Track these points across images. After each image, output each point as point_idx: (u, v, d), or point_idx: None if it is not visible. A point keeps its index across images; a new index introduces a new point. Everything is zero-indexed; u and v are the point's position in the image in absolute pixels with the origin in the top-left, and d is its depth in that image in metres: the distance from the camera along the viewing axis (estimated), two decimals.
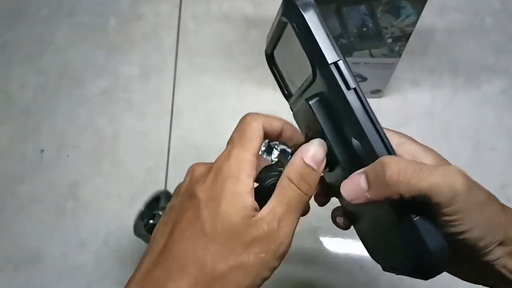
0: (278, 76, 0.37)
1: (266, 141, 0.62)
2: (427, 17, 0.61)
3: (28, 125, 0.66)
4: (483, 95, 0.67)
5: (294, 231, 0.29)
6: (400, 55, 0.57)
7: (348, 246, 0.57)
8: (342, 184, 0.28)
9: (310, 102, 0.30)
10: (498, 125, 0.65)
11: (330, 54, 0.28)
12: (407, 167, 0.26)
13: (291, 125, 0.33)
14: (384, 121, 0.34)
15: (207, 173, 0.29)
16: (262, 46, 0.77)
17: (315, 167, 0.29)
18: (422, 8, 0.50)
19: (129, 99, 0.68)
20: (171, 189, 0.61)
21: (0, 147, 0.64)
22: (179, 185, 0.31)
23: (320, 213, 0.60)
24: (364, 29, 0.52)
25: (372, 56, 0.57)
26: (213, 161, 0.30)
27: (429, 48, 0.70)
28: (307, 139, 0.31)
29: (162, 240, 0.28)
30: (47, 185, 0.62)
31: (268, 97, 0.67)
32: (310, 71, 0.29)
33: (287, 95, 0.36)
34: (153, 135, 0.65)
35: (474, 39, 0.71)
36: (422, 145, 0.31)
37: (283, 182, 0.29)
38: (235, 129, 0.32)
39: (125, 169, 0.62)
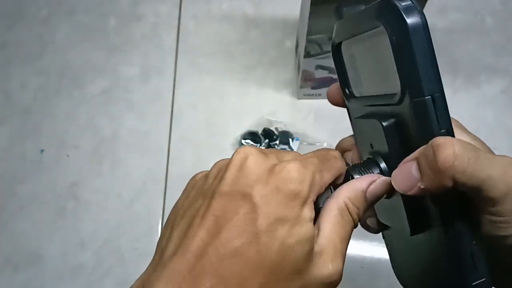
0: (340, 70, 0.31)
1: (266, 140, 0.62)
2: (427, 17, 0.61)
3: (28, 125, 0.66)
4: (483, 95, 0.67)
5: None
6: None
7: (348, 246, 0.57)
8: (392, 174, 0.25)
9: (384, 124, 0.25)
10: (498, 125, 0.65)
11: (429, 85, 0.23)
12: (464, 152, 0.22)
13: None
14: None
15: (269, 174, 0.23)
16: (262, 46, 0.77)
17: (370, 202, 0.26)
18: (422, 8, 0.50)
19: (129, 99, 0.68)
20: (171, 189, 0.61)
21: (0, 147, 0.64)
22: (218, 161, 0.26)
23: None
24: None
25: None
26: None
27: None
28: (365, 155, 0.29)
29: (197, 238, 0.22)
30: (47, 185, 0.62)
31: (268, 97, 0.67)
32: (396, 91, 0.24)
33: (348, 95, 0.31)
34: (153, 135, 0.65)
35: (474, 39, 0.71)
36: (471, 134, 0.27)
37: (340, 207, 0.25)
38: (315, 152, 0.26)
39: (125, 169, 0.62)
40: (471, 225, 0.24)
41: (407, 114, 0.24)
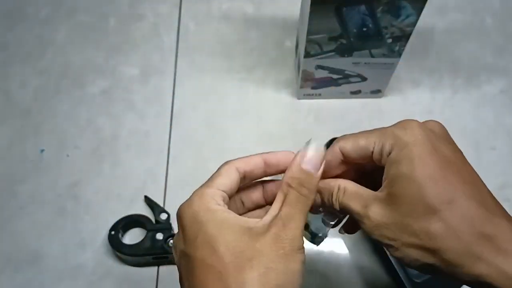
0: None
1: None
2: (427, 17, 0.61)
3: (28, 125, 0.66)
4: (483, 95, 0.67)
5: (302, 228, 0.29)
6: (400, 55, 0.57)
7: (348, 246, 0.57)
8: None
9: None
10: (498, 125, 0.65)
11: None
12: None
13: (272, 153, 0.34)
14: (384, 121, 0.34)
15: None
16: (262, 46, 0.77)
17: (312, 171, 0.30)
18: (422, 8, 0.50)
19: (129, 99, 0.68)
20: (171, 189, 0.61)
21: (0, 147, 0.64)
22: None
23: None
24: (364, 29, 0.52)
25: (372, 56, 0.57)
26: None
27: (429, 48, 0.70)
28: None
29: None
30: (47, 185, 0.62)
31: (268, 97, 0.67)
32: None
33: None
34: (153, 135, 0.65)
35: (474, 39, 0.71)
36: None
37: (283, 188, 0.30)
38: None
39: (125, 169, 0.62)
40: None
41: None
